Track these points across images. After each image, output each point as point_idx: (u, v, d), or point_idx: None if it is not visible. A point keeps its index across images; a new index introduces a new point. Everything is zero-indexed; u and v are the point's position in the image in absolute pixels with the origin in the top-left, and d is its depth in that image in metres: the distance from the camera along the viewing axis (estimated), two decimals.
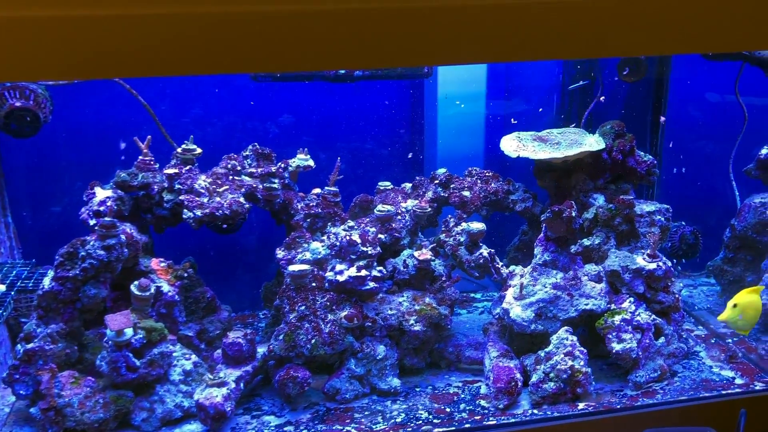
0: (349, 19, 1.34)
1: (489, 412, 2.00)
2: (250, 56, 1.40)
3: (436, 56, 1.51)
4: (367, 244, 2.10)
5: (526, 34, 1.48)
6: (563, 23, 1.45)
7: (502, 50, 1.52)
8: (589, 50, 1.62)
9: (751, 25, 1.61)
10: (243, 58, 1.41)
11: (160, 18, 1.28)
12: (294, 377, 1.99)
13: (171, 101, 2.48)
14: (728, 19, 1.56)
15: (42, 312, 1.95)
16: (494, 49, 1.51)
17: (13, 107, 2.12)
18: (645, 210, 2.28)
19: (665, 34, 1.56)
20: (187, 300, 2.20)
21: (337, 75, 2.32)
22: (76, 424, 1.86)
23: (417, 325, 2.12)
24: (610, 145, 2.31)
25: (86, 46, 1.31)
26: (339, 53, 1.42)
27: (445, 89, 2.75)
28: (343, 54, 1.43)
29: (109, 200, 2.07)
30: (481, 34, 1.45)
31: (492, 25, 1.43)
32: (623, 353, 2.07)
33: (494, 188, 2.42)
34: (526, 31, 1.48)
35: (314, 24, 1.34)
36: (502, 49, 1.52)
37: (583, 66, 2.72)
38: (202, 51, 1.37)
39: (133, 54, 1.34)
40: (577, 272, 2.15)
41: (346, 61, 1.46)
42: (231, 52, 1.38)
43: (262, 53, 1.40)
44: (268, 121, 2.60)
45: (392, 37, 1.39)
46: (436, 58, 1.54)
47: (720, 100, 2.81)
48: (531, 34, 1.47)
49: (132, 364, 1.89)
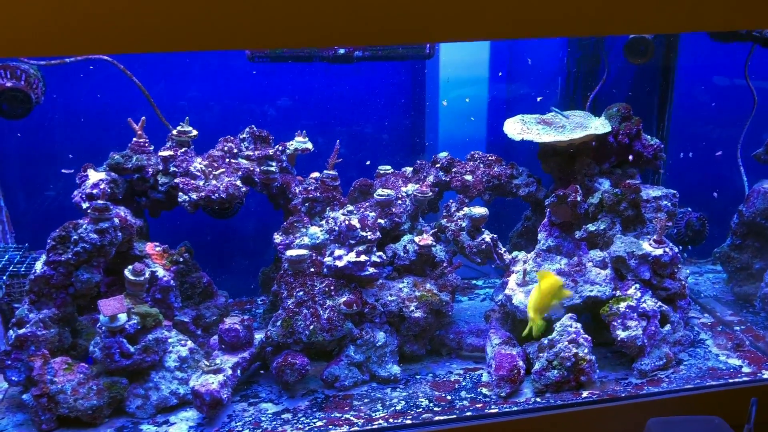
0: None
1: (491, 400, 1.97)
2: (245, 32, 1.37)
3: (437, 33, 1.47)
4: (366, 229, 2.05)
5: (529, 9, 1.44)
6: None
7: (505, 27, 1.48)
8: (594, 27, 1.57)
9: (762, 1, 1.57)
10: (239, 34, 1.37)
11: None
12: (292, 364, 1.95)
13: (166, 83, 2.45)
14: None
15: (34, 297, 1.92)
16: (497, 25, 1.47)
17: (4, 87, 2.08)
18: (651, 195, 2.24)
19: (673, 11, 1.52)
20: (183, 285, 2.17)
21: (337, 55, 2.26)
22: (69, 410, 1.83)
23: (417, 312, 2.08)
24: (617, 128, 2.27)
25: (77, 19, 1.28)
26: (337, 29, 1.38)
27: (447, 72, 2.71)
28: (341, 30, 1.39)
29: (103, 183, 2.03)
30: (483, 9, 1.40)
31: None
32: (628, 341, 2.03)
33: (497, 172, 2.38)
34: (530, 7, 1.44)
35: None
36: (505, 25, 1.48)
37: (588, 48, 2.67)
38: (197, 26, 1.34)
39: (125, 29, 1.31)
40: (581, 258, 2.11)
41: (345, 38, 1.42)
42: (226, 27, 1.35)
43: (257, 29, 1.36)
44: (266, 103, 2.57)
45: (392, 11, 1.34)
46: (438, 35, 1.49)
47: (729, 83, 2.77)
48: (535, 10, 1.43)
49: (126, 350, 1.86)
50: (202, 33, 1.35)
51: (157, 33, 1.33)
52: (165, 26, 1.33)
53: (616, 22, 1.55)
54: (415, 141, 2.77)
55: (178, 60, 2.45)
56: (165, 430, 1.85)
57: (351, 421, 1.87)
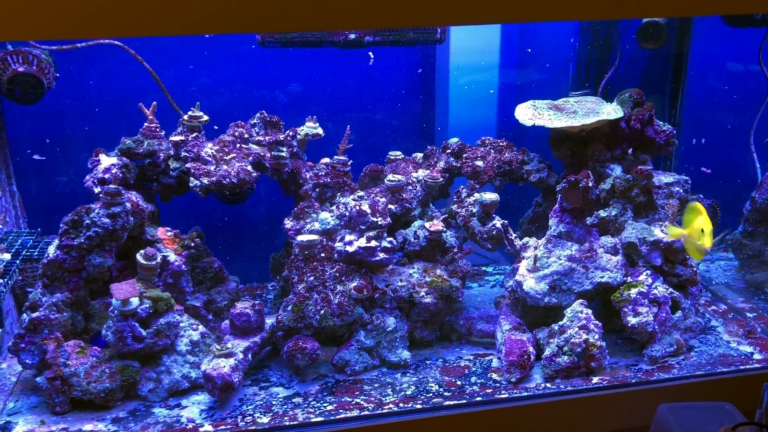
0: None
1: (501, 386, 1.97)
2: (256, 15, 1.36)
3: (449, 16, 1.47)
4: (377, 215, 2.06)
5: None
6: None
7: (517, 10, 1.47)
8: (607, 11, 1.56)
9: None
10: (249, 17, 1.37)
11: None
12: (303, 348, 1.96)
13: (177, 69, 2.46)
14: None
15: (47, 281, 1.94)
16: (508, 8, 1.46)
17: (16, 72, 2.09)
18: (663, 181, 2.23)
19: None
20: (194, 270, 2.18)
21: (347, 40, 2.26)
22: (82, 393, 1.85)
23: (428, 297, 2.08)
24: (629, 113, 2.26)
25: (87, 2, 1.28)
26: (347, 12, 1.38)
27: (458, 58, 2.71)
28: (352, 13, 1.39)
29: (114, 168, 2.04)
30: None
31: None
32: (639, 327, 2.03)
33: (508, 158, 2.38)
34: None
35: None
36: (517, 8, 1.47)
37: (600, 34, 2.66)
38: (208, 9, 1.34)
39: (136, 12, 1.32)
40: (592, 244, 2.11)
41: (356, 21, 1.42)
42: (237, 9, 1.35)
43: (268, 11, 1.36)
44: (276, 89, 2.58)
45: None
46: (450, 18, 1.49)
47: (742, 69, 2.76)
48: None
49: (138, 333, 1.88)
50: (213, 16, 1.35)
51: (168, 16, 1.33)
52: (176, 9, 1.33)
53: (630, 5, 1.54)
54: (425, 127, 2.77)
55: (188, 45, 2.46)
56: (177, 413, 1.87)
57: (361, 405, 1.88)
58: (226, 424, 1.81)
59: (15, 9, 1.26)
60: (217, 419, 1.84)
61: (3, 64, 2.08)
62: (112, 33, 1.42)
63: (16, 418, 1.85)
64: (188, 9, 1.33)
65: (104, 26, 1.32)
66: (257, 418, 1.83)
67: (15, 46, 2.13)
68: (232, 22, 1.37)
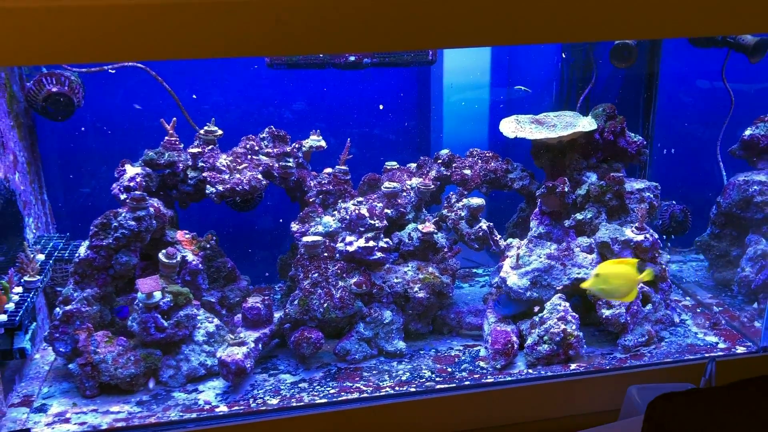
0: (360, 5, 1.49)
1: (487, 372, 2.15)
2: (265, 40, 1.53)
3: (440, 40, 1.64)
4: (374, 218, 2.26)
5: (523, 17, 1.61)
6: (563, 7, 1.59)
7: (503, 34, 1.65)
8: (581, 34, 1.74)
9: (733, 9, 1.74)
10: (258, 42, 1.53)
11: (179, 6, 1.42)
12: (308, 338, 2.16)
13: (192, 89, 2.62)
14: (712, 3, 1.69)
15: (78, 278, 2.13)
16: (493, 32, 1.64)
17: (50, 92, 2.28)
18: (635, 187, 2.42)
19: (655, 18, 1.69)
20: (209, 269, 2.37)
21: (348, 62, 2.46)
22: (110, 378, 2.04)
23: (421, 293, 2.28)
24: (602, 126, 2.44)
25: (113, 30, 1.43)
26: (348, 37, 1.56)
27: (451, 78, 2.87)
28: (352, 38, 1.57)
29: (138, 176, 2.23)
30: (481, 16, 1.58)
31: (494, 8, 1.56)
32: (612, 318, 2.22)
33: (494, 167, 2.57)
34: (527, 15, 1.61)
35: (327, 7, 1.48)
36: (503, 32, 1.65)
37: (581, 54, 2.85)
38: (218, 35, 1.48)
39: (155, 39, 1.44)
40: (570, 244, 2.31)
41: (354, 45, 1.60)
42: (245, 35, 1.51)
43: (276, 36, 1.53)
44: (283, 107, 2.74)
45: (397, 19, 1.53)
46: (441, 41, 1.65)
47: (708, 85, 2.92)
48: (532, 18, 1.61)
49: (160, 324, 2.07)
50: (226, 41, 1.49)
51: (188, 41, 1.45)
52: (194, 35, 1.49)
53: (603, 29, 1.71)
54: (420, 141, 2.94)
55: (203, 68, 2.63)
56: (194, 396, 2.05)
57: (361, 389, 2.06)
58: (239, 405, 2.00)
59: (51, 37, 1.40)
60: (231, 401, 2.01)
61: (38, 85, 2.29)
62: (135, 57, 1.56)
63: (50, 401, 2.04)
64: (205, 35, 1.45)
65: (128, 50, 1.44)
66: (267, 401, 2.02)
67: (49, 68, 2.33)
68: (244, 47, 1.49)
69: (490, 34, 1.62)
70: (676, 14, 1.69)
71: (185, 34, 1.45)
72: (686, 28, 1.77)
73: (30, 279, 2.07)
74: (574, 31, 1.68)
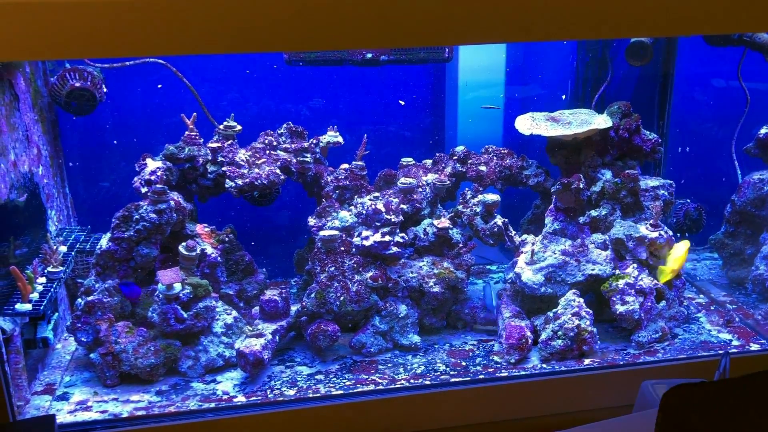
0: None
1: (501, 366, 2.18)
2: (285, 36, 1.56)
3: (457, 36, 1.66)
4: (390, 213, 2.28)
5: (542, 14, 1.63)
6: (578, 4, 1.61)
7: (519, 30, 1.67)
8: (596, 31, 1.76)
9: (750, 6, 1.75)
10: (279, 38, 1.56)
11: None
12: (324, 330, 2.19)
13: (211, 85, 2.65)
14: (728, 1, 1.70)
15: (100, 269, 2.17)
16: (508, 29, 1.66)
17: (74, 87, 2.32)
18: (650, 185, 2.44)
19: (670, 15, 1.70)
20: (227, 262, 2.41)
21: (365, 59, 2.49)
22: (130, 368, 2.08)
23: (436, 287, 2.30)
24: (617, 123, 2.45)
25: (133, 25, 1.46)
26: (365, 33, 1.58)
27: (466, 76, 2.89)
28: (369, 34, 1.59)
29: (159, 170, 2.27)
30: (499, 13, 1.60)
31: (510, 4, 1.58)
32: (626, 314, 2.23)
33: (509, 164, 2.59)
34: (542, 12, 1.63)
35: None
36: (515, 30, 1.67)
37: (596, 52, 2.87)
38: (241, 30, 1.51)
39: (176, 34, 1.48)
40: (584, 240, 2.32)
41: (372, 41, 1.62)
42: (266, 31, 1.54)
43: (296, 34, 1.55)
44: (301, 103, 2.77)
45: (414, 16, 1.55)
46: (457, 38, 1.67)
47: (724, 84, 2.92)
48: (547, 14, 1.63)
49: (180, 315, 2.11)
50: (245, 37, 1.51)
51: (208, 37, 1.49)
52: (214, 30, 1.50)
53: (618, 27, 1.73)
54: (436, 137, 2.95)
55: (221, 64, 2.65)
56: (213, 387, 2.09)
57: (376, 381, 2.10)
58: (257, 396, 2.03)
59: (76, 34, 1.45)
60: (249, 392, 2.05)
61: (62, 80, 2.33)
62: (155, 52, 1.59)
63: (72, 389, 2.09)
64: (224, 31, 1.49)
65: (148, 45, 1.48)
66: (284, 392, 2.05)
67: (72, 64, 2.37)
68: (262, 42, 1.53)
69: (505, 30, 1.65)
70: (692, 12, 1.71)
71: (205, 29, 1.48)
72: (702, 25, 1.79)
73: (53, 270, 2.11)
74: (590, 28, 1.71)
